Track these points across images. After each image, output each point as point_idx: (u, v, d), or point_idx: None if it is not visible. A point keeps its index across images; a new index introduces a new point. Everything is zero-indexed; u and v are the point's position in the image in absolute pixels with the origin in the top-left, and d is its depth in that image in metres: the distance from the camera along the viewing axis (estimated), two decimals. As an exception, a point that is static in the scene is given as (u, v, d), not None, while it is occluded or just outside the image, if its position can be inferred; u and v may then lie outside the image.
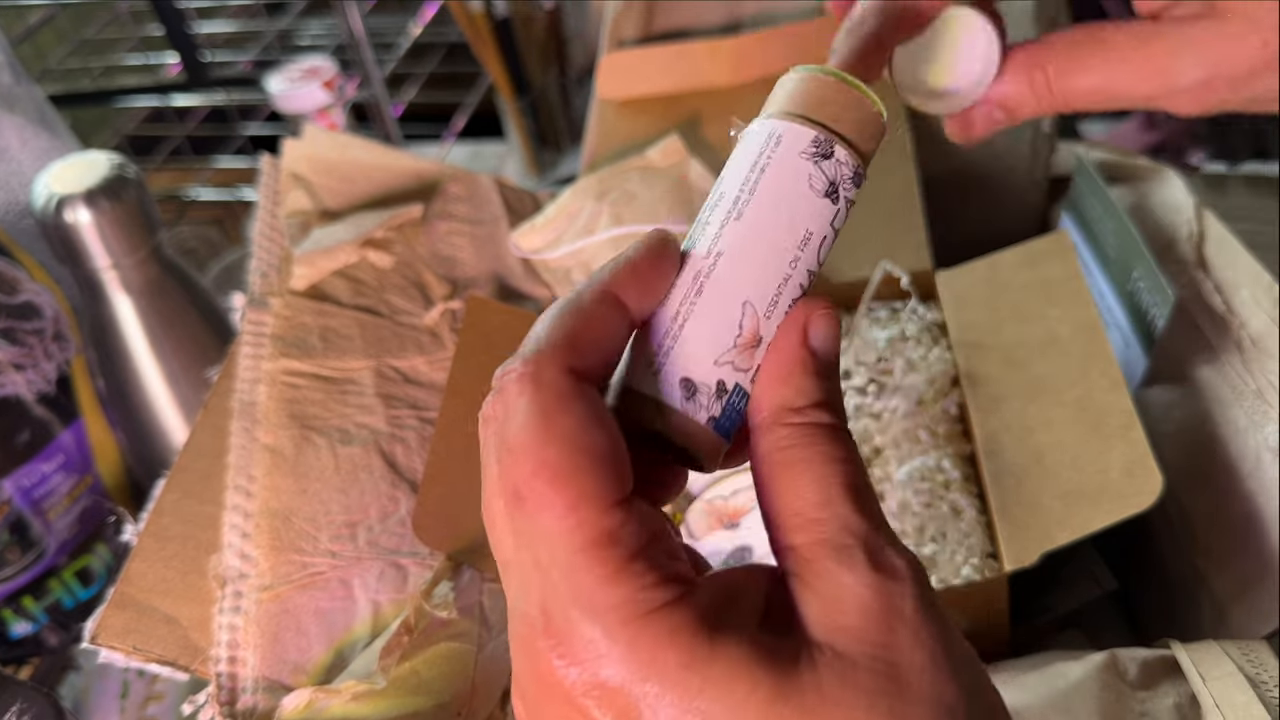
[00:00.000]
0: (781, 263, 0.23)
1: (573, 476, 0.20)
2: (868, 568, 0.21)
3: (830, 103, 0.24)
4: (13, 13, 0.94)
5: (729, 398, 0.23)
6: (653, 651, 0.19)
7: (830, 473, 0.22)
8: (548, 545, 0.20)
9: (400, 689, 0.41)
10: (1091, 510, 0.41)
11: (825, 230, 0.23)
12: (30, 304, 0.58)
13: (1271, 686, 0.36)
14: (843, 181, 0.24)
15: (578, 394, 0.21)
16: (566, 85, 0.97)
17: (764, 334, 0.23)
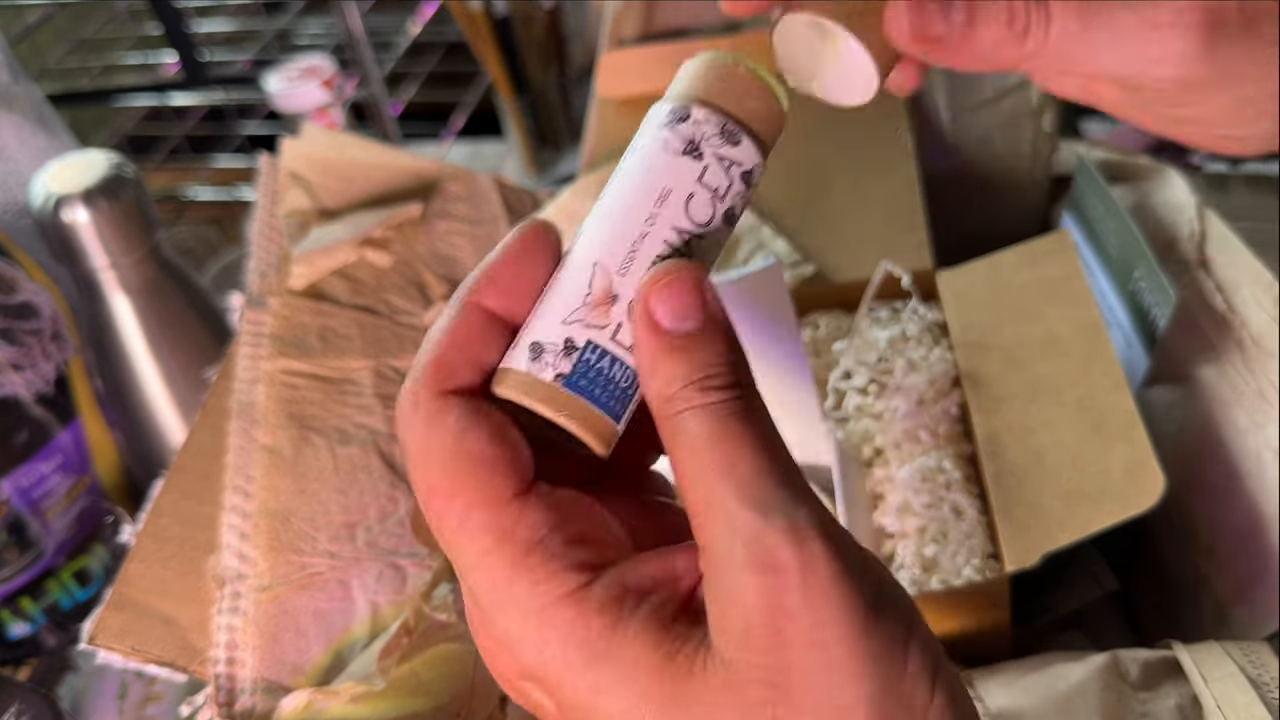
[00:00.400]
0: (635, 220, 0.23)
1: (456, 491, 0.21)
2: (746, 567, 0.20)
3: (688, 76, 0.24)
4: (11, 12, 0.94)
5: (581, 354, 0.22)
6: (557, 641, 0.20)
7: (703, 465, 0.20)
8: (457, 552, 0.22)
9: (399, 690, 0.41)
10: (1093, 511, 0.41)
11: (689, 186, 0.23)
12: (28, 304, 0.58)
13: (1273, 688, 0.36)
14: (705, 139, 0.23)
15: (447, 410, 0.22)
16: (566, 84, 0.97)
17: (618, 291, 0.22)
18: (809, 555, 0.19)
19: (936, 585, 0.43)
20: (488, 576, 0.21)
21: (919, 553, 0.44)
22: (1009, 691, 0.38)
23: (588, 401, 0.22)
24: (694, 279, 0.22)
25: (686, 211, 0.23)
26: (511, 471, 0.21)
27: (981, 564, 0.43)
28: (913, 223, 0.55)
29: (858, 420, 0.50)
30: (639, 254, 0.23)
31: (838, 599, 0.19)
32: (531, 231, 0.23)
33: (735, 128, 0.23)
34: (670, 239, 0.23)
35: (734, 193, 0.23)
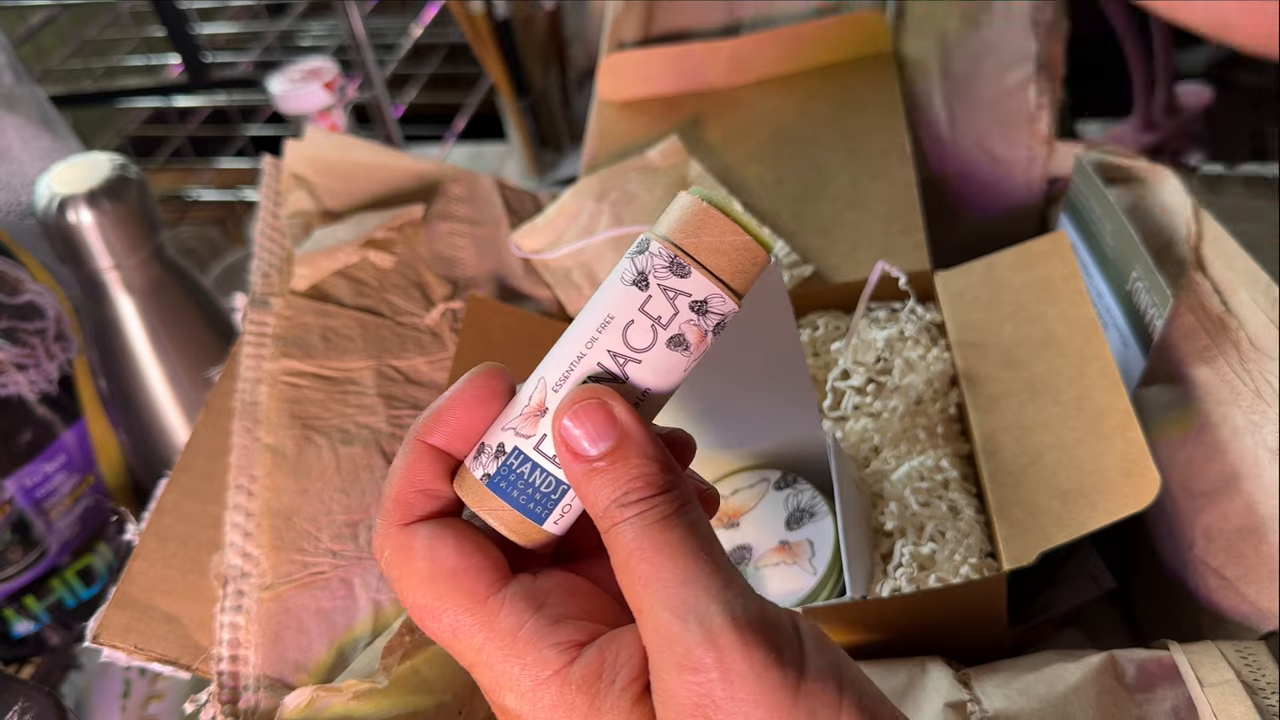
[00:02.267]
0: (578, 343, 0.25)
1: (439, 605, 0.24)
2: (673, 669, 0.22)
3: (666, 213, 0.26)
4: (15, 13, 0.94)
5: (506, 458, 0.25)
6: (546, 717, 0.23)
7: (632, 577, 0.23)
8: (459, 655, 0.24)
9: (401, 688, 0.41)
10: (1089, 510, 0.41)
11: (630, 314, 0.24)
12: (32, 304, 0.58)
13: (1269, 694, 0.36)
14: (654, 270, 0.24)
15: (414, 537, 0.24)
16: (567, 86, 0.97)
17: (549, 405, 0.25)
18: (722, 653, 0.21)
19: (934, 584, 0.43)
20: (487, 668, 0.24)
21: (916, 551, 0.44)
22: (1005, 692, 0.38)
23: (504, 501, 0.25)
24: (601, 402, 0.24)
25: (624, 337, 0.24)
26: (485, 573, 0.24)
27: (979, 562, 0.44)
28: (910, 224, 0.56)
29: (856, 420, 0.50)
30: (573, 373, 0.25)
31: (756, 685, 0.21)
32: (483, 378, 0.25)
33: (685, 261, 0.24)
34: (604, 361, 0.24)
35: (680, 321, 0.24)
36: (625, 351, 0.24)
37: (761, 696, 0.21)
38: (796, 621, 0.23)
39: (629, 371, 0.24)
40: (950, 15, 0.66)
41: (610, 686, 0.23)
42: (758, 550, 0.45)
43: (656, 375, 0.25)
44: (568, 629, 0.24)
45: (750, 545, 0.46)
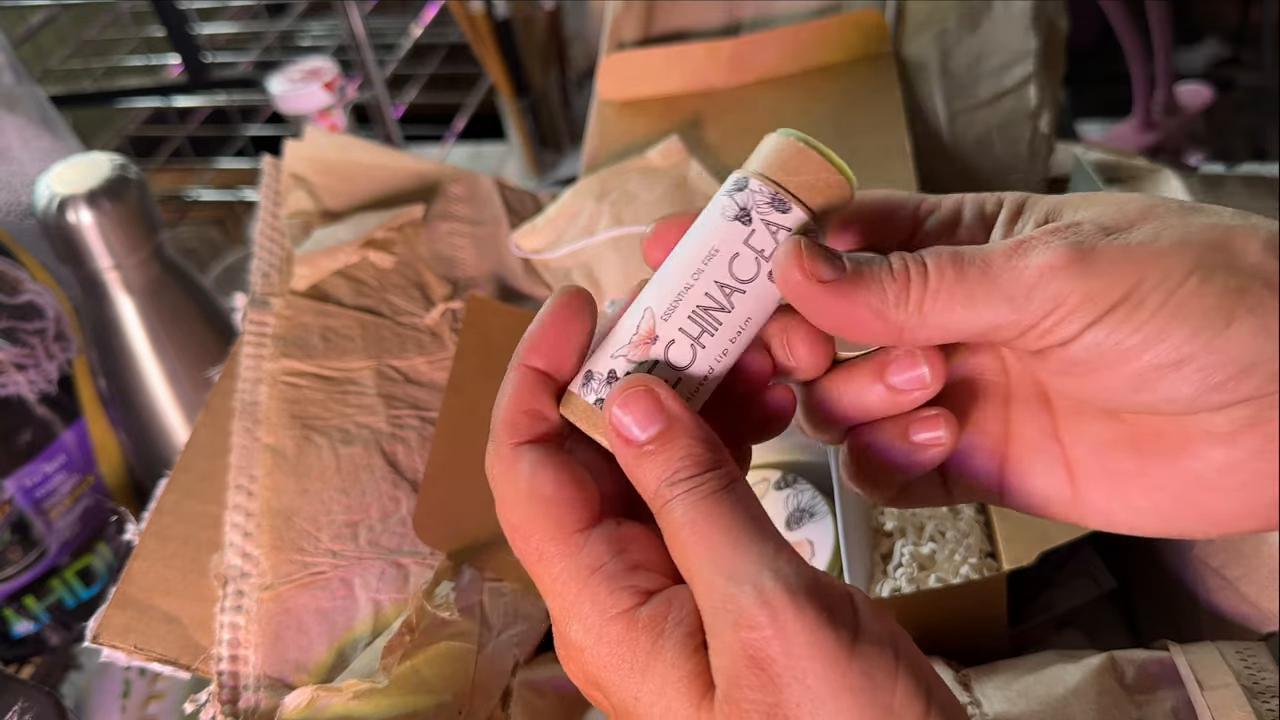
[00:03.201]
0: (684, 274, 0.26)
1: (530, 529, 0.25)
2: (727, 627, 0.23)
3: (758, 151, 0.27)
4: (14, 13, 0.94)
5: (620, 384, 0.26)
6: (610, 654, 0.24)
7: (685, 548, 0.24)
8: (537, 579, 0.25)
9: (401, 688, 0.41)
10: (1089, 510, 0.41)
11: (735, 247, 0.26)
12: (32, 304, 0.58)
13: (1269, 697, 0.36)
14: (756, 206, 0.26)
15: (519, 459, 0.25)
16: (567, 86, 0.97)
17: (660, 333, 0.26)
18: (776, 611, 0.22)
19: (934, 584, 0.43)
20: (560, 597, 0.25)
21: (916, 551, 0.44)
22: (1006, 694, 0.38)
23: None
24: (648, 389, 0.25)
25: (730, 269, 0.26)
26: (576, 508, 0.25)
27: (979, 562, 0.44)
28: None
29: (856, 420, 0.50)
30: (682, 303, 0.26)
31: (810, 642, 0.22)
32: (565, 298, 0.27)
33: (786, 196, 0.26)
34: (711, 291, 0.26)
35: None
36: (732, 282, 0.26)
37: (816, 652, 0.22)
38: (851, 591, 0.24)
39: (734, 301, 0.26)
40: (950, 15, 0.66)
41: (675, 630, 0.24)
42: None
43: (759, 304, 0.26)
44: (641, 576, 0.25)
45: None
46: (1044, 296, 0.23)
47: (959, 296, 0.24)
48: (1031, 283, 0.23)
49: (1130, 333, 0.23)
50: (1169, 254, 0.22)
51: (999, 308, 0.23)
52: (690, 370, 0.26)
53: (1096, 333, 0.23)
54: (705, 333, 0.26)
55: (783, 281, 0.25)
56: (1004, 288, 0.23)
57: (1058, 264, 0.23)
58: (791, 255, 0.25)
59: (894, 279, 0.24)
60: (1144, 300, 0.22)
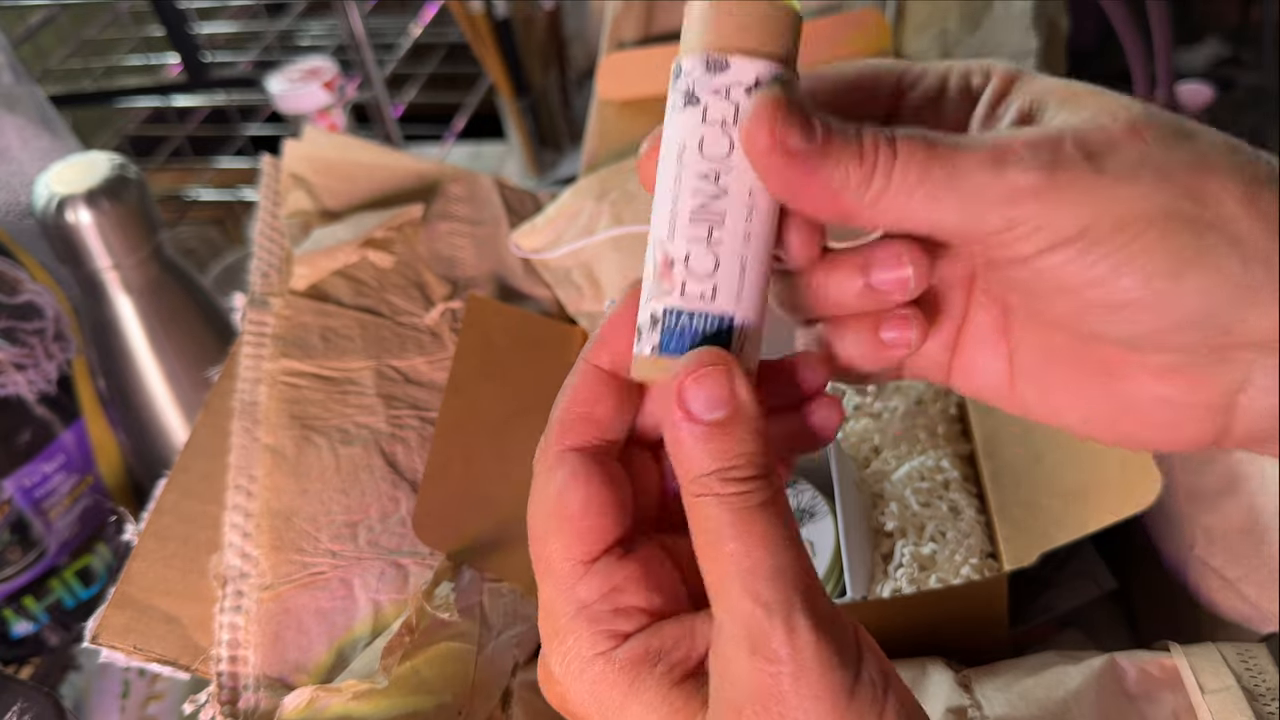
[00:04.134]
0: (669, 187, 0.24)
1: (546, 540, 0.25)
2: (747, 652, 0.22)
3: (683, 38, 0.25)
4: (14, 13, 0.94)
5: (662, 323, 0.24)
6: (588, 693, 0.24)
7: (722, 555, 0.23)
8: (539, 590, 0.25)
9: (401, 688, 0.41)
10: (1090, 510, 0.41)
11: (698, 131, 0.24)
12: (31, 304, 0.58)
13: (1269, 700, 0.36)
14: (694, 83, 0.24)
15: (558, 468, 0.25)
16: (567, 86, 0.97)
17: (673, 254, 0.24)
18: (798, 649, 0.22)
19: (934, 584, 0.43)
20: (549, 619, 0.25)
21: (917, 551, 0.44)
22: (1006, 697, 0.38)
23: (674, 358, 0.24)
24: (727, 371, 0.23)
25: (703, 154, 0.24)
26: (590, 538, 0.25)
27: (979, 563, 0.44)
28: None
29: (856, 420, 0.50)
30: (679, 213, 0.24)
31: (820, 682, 0.22)
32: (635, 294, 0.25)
33: (717, 55, 0.24)
34: (698, 185, 0.24)
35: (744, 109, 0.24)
36: (712, 166, 0.24)
37: (823, 693, 0.22)
38: (856, 626, 0.24)
39: (726, 183, 0.24)
40: (951, 15, 0.66)
41: (651, 670, 0.24)
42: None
43: (750, 173, 0.24)
44: (623, 620, 0.25)
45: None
46: (1002, 216, 0.22)
47: (919, 195, 0.23)
48: (994, 199, 0.22)
49: (1082, 268, 0.22)
50: (1140, 196, 0.22)
51: (953, 215, 0.23)
52: (722, 269, 0.24)
53: (1048, 259, 0.23)
54: (714, 227, 0.24)
55: (748, 143, 0.23)
56: (965, 197, 0.22)
57: (1025, 188, 0.22)
58: (762, 116, 0.23)
59: (860, 163, 0.23)
60: (1100, 240, 0.22)
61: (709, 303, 0.24)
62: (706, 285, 0.24)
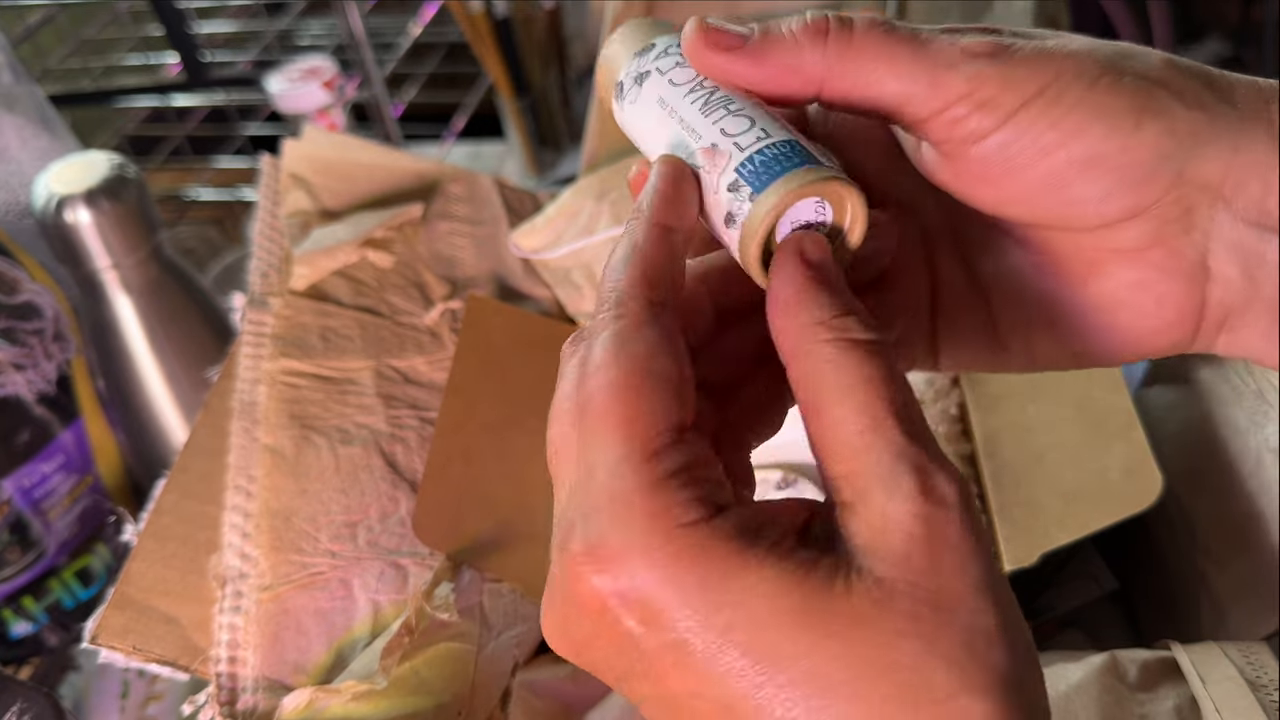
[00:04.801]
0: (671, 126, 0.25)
1: (634, 394, 0.21)
2: (917, 495, 0.20)
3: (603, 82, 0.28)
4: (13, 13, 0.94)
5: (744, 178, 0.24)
6: (680, 564, 0.20)
7: (872, 395, 0.21)
8: (601, 451, 0.21)
9: (401, 689, 0.41)
10: (1091, 510, 0.41)
11: (662, 85, 0.26)
12: (30, 304, 0.58)
13: (1271, 690, 0.36)
14: (637, 70, 0.26)
15: (652, 322, 0.22)
16: (566, 85, 0.97)
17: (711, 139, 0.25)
18: (965, 492, 0.21)
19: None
20: (623, 485, 0.21)
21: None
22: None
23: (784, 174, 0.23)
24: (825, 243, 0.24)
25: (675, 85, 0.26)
26: (685, 404, 0.22)
27: (980, 563, 0.43)
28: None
29: (857, 420, 0.50)
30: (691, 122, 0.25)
31: (978, 536, 0.21)
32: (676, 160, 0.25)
33: (641, 49, 0.27)
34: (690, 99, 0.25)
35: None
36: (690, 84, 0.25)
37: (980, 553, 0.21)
38: None
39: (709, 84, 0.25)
40: (951, 14, 0.66)
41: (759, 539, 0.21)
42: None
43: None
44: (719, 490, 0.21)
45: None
46: (965, 74, 0.23)
47: (882, 54, 0.23)
48: (955, 59, 0.23)
49: (1047, 128, 0.23)
50: (1082, 56, 0.23)
51: (919, 77, 0.23)
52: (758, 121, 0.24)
53: (1014, 127, 0.23)
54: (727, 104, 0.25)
55: (694, 60, 0.25)
56: (928, 57, 0.23)
57: (981, 50, 0.23)
58: (694, 34, 0.25)
59: (807, 28, 0.24)
60: (1061, 95, 0.23)
61: (767, 139, 0.24)
62: (756, 132, 0.24)
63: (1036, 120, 0.23)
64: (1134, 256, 0.24)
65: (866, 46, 0.23)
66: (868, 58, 0.23)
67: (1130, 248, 0.24)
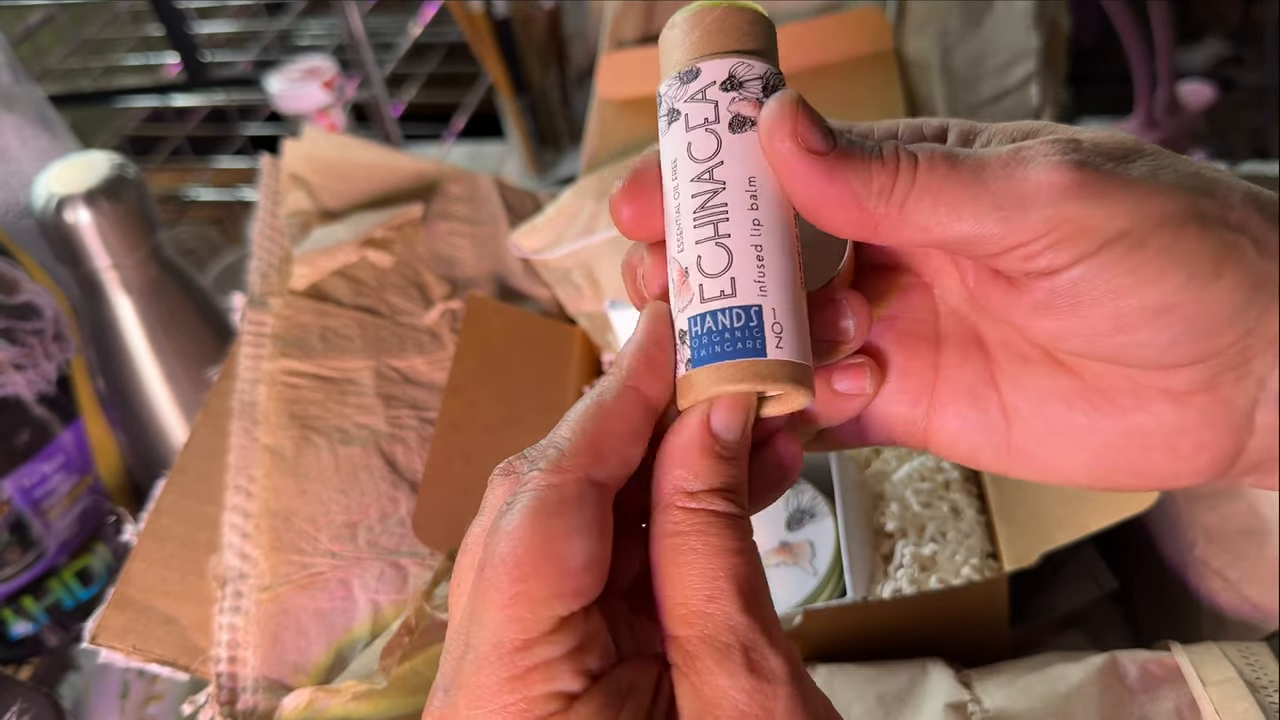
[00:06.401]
0: (670, 207, 0.24)
1: (530, 576, 0.21)
2: (744, 670, 0.21)
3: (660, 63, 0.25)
4: (12, 13, 0.94)
5: (693, 333, 0.23)
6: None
7: (718, 566, 0.21)
8: (479, 627, 0.21)
9: (400, 689, 0.41)
10: (1091, 511, 0.41)
11: (682, 140, 0.24)
12: (30, 304, 0.58)
13: (1271, 691, 0.36)
14: (673, 99, 0.24)
15: (579, 501, 0.22)
16: (566, 85, 0.97)
17: (686, 263, 0.23)
18: (794, 667, 0.21)
19: (935, 585, 0.43)
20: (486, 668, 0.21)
21: (917, 552, 0.44)
22: (1007, 692, 0.38)
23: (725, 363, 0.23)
24: (749, 407, 0.23)
25: (692, 158, 0.24)
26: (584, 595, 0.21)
27: (980, 563, 0.43)
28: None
29: (857, 420, 0.50)
30: (682, 224, 0.24)
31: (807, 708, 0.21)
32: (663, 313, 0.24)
33: (688, 67, 0.24)
34: (695, 192, 0.23)
35: (724, 106, 0.24)
36: (702, 166, 0.23)
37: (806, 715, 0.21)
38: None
39: (721, 175, 0.23)
40: (952, 13, 0.66)
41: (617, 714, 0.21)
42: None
43: (744, 163, 0.23)
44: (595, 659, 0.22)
45: (751, 546, 0.45)
46: (1041, 216, 0.21)
47: (946, 198, 0.21)
48: (1029, 197, 0.21)
49: (1125, 271, 0.21)
50: (1170, 196, 0.21)
51: (988, 218, 0.21)
52: (737, 262, 0.23)
53: (1090, 265, 0.21)
54: (719, 223, 0.23)
55: (769, 142, 0.22)
56: (997, 197, 0.21)
57: (1059, 183, 0.21)
58: (783, 115, 0.22)
59: (883, 165, 0.22)
60: (1144, 241, 0.21)
61: (730, 298, 0.23)
62: (724, 282, 0.23)
63: (1115, 263, 0.21)
64: (1181, 399, 0.23)
65: (928, 192, 0.22)
66: (929, 206, 0.22)
67: (1180, 390, 0.23)
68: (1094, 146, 0.22)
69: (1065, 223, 0.21)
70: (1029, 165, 0.21)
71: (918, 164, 0.22)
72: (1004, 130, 0.23)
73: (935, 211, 0.22)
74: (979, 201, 0.21)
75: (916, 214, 0.22)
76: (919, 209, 0.22)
